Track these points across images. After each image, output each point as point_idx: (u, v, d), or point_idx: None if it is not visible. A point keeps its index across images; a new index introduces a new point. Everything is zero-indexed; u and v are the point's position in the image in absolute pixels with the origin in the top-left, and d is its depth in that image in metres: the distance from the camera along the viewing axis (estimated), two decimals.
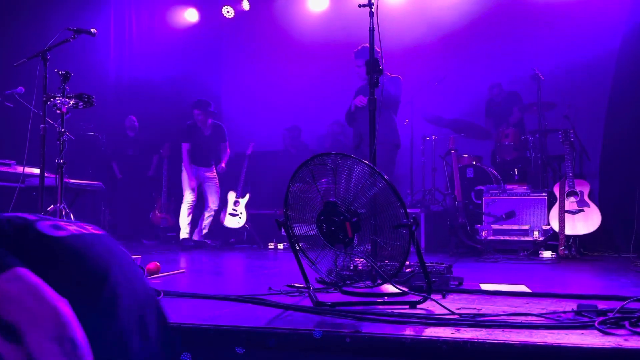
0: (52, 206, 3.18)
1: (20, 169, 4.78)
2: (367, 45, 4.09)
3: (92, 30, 3.66)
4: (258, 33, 8.67)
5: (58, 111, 3.25)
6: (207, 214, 6.43)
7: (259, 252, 5.83)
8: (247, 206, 6.66)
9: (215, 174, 6.51)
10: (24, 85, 4.56)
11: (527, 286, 2.88)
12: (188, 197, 6.28)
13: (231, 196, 6.75)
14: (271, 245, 6.30)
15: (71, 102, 3.21)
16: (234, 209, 6.68)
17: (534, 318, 1.96)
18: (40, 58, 3.36)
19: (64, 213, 3.14)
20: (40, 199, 3.27)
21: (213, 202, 6.42)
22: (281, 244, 6.24)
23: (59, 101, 3.18)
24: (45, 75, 3.35)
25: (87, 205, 7.14)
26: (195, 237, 6.34)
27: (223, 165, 6.48)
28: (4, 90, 4.71)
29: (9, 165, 4.80)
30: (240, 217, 6.62)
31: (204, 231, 6.37)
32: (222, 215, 6.70)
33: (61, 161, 3.22)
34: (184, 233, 6.24)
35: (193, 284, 3.11)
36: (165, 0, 8.74)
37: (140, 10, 8.67)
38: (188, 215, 6.27)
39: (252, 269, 4.25)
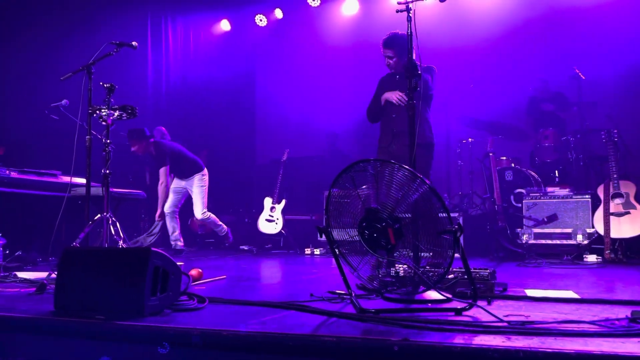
0: (99, 215, 3.28)
1: (64, 179, 4.95)
2: (398, 32, 4.01)
3: (133, 43, 3.76)
4: (291, 40, 8.74)
5: (104, 123, 3.36)
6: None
7: (295, 257, 5.86)
8: (283, 212, 6.71)
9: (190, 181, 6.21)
10: (64, 97, 4.70)
11: (574, 292, 2.80)
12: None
13: (267, 202, 6.81)
14: (308, 251, 6.31)
15: (116, 114, 3.31)
16: (270, 215, 6.73)
17: (587, 325, 1.91)
18: (85, 72, 3.47)
19: (110, 222, 3.23)
20: (86, 208, 3.37)
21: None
22: (318, 250, 6.25)
23: (104, 113, 3.28)
24: (90, 88, 3.46)
25: (128, 212, 7.31)
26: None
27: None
28: (49, 103, 4.86)
29: (54, 175, 4.96)
30: (276, 223, 6.66)
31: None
32: (258, 221, 6.77)
33: (107, 171, 3.32)
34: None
35: (235, 290, 3.15)
36: (199, 12, 8.91)
37: (176, 23, 8.86)
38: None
39: (290, 274, 4.27)
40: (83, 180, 4.84)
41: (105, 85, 3.35)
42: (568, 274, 3.87)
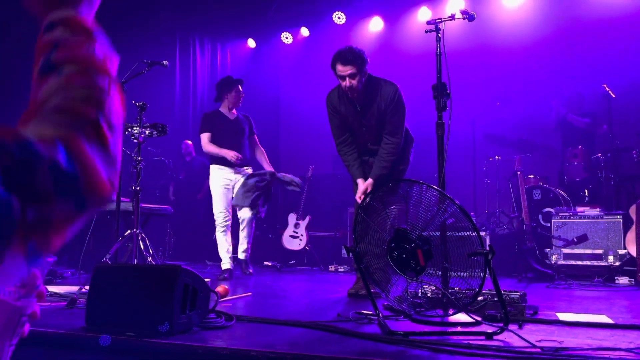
0: (128, 231, 3.33)
1: None
2: (352, 46, 3.52)
3: (164, 62, 3.85)
4: (316, 56, 8.81)
5: (135, 140, 3.42)
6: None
7: (320, 274, 5.84)
8: (307, 228, 6.71)
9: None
10: None
11: (607, 316, 2.73)
12: (219, 215, 5.03)
13: (292, 218, 6.82)
14: (332, 268, 6.29)
15: (147, 132, 3.38)
16: (294, 231, 6.74)
17: (623, 353, 1.86)
18: None
19: (139, 238, 3.28)
20: (116, 224, 3.42)
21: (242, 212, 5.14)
22: (342, 267, 6.23)
23: (136, 131, 3.35)
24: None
25: (155, 227, 7.41)
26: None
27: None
28: None
29: None
30: (300, 239, 6.66)
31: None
32: (282, 237, 6.79)
33: (137, 188, 3.38)
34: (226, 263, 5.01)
35: (261, 308, 3.15)
36: (226, 32, 9.07)
37: (204, 42, 9.05)
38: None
39: (316, 292, 4.26)
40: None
41: (137, 103, 3.42)
42: (600, 297, 3.77)
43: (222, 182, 5.06)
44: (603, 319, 2.66)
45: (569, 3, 6.96)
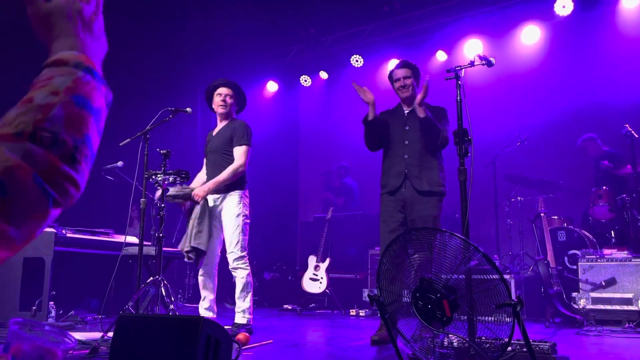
0: (151, 278, 3.33)
1: (117, 237, 5.10)
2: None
3: (187, 109, 3.92)
4: (335, 98, 8.96)
5: (159, 188, 3.46)
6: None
7: (341, 319, 5.74)
8: (327, 270, 6.64)
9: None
10: (120, 159, 4.89)
11: None
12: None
13: (311, 260, 6.77)
14: (353, 312, 6.19)
15: (170, 179, 3.42)
16: (314, 274, 6.68)
17: None
18: (142, 137, 3.62)
19: (162, 285, 3.27)
20: (139, 270, 3.43)
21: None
22: (363, 311, 6.13)
23: (160, 178, 3.39)
24: (146, 152, 3.59)
25: (174, 268, 7.42)
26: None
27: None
28: (104, 164, 5.06)
29: (107, 234, 5.11)
30: (320, 282, 6.59)
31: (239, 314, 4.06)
32: (302, 279, 6.73)
33: (161, 235, 3.40)
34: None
35: (283, 358, 3.09)
36: (245, 75, 9.28)
37: None
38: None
39: (338, 340, 4.17)
40: (133, 239, 4.99)
41: (162, 151, 3.48)
42: (632, 345, 3.64)
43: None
44: None
45: (591, 39, 6.98)
